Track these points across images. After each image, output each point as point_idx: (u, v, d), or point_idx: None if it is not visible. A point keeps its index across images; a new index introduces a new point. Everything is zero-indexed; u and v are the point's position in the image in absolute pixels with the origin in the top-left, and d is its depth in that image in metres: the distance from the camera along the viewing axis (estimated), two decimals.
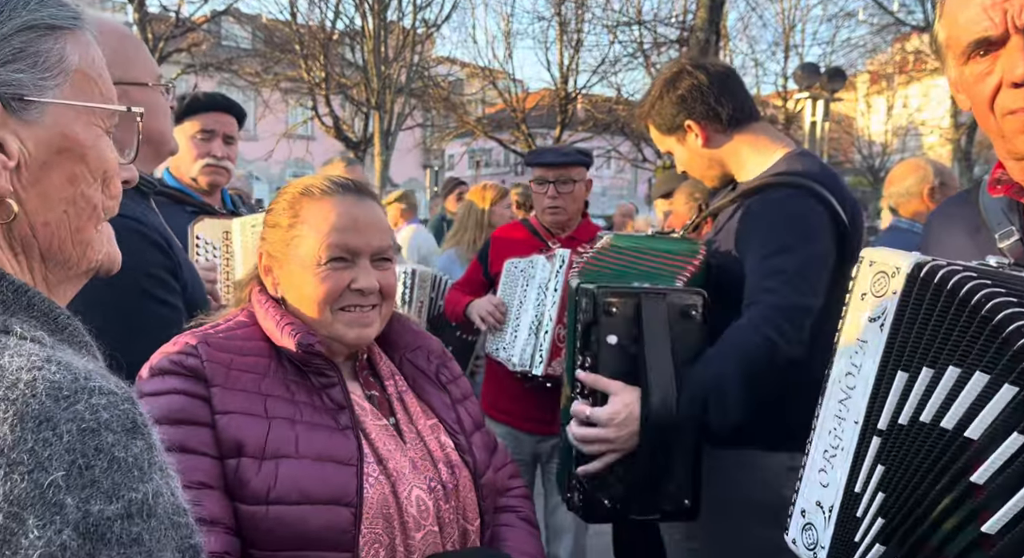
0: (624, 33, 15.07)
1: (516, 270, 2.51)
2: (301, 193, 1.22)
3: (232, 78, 14.77)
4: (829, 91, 11.25)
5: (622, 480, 1.45)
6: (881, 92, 20.38)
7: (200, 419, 1.07)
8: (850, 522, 0.90)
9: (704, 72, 1.75)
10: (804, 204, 1.56)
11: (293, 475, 1.05)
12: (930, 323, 0.85)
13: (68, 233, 0.64)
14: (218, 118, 2.27)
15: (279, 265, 1.21)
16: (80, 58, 0.64)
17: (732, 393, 1.42)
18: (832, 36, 16.86)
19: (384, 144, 14.09)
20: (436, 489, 1.15)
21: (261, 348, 1.17)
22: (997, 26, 0.92)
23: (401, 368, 1.29)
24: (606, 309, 1.41)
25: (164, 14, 13.36)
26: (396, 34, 14.70)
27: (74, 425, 0.47)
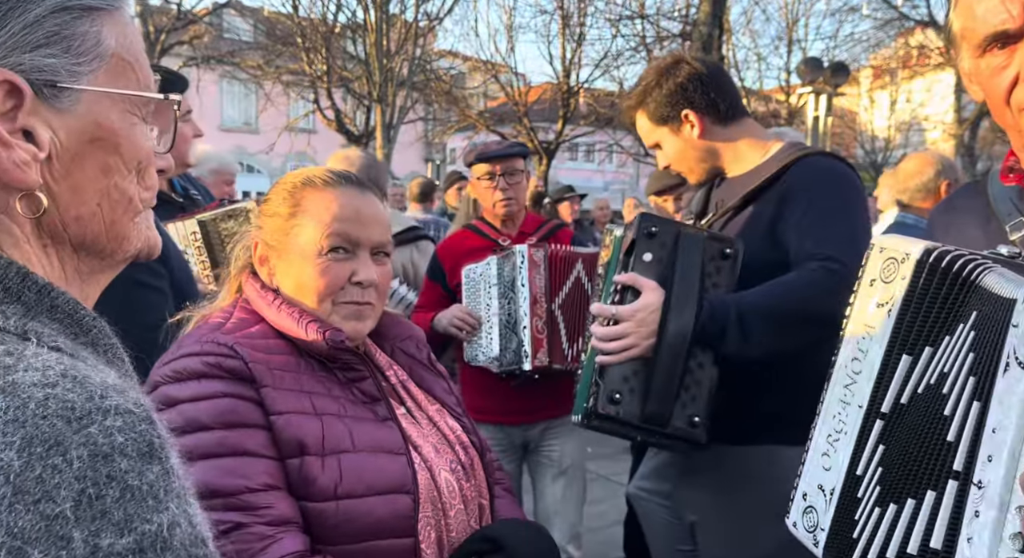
0: (627, 27, 15.04)
1: (476, 275, 2.50)
2: (302, 183, 1.22)
3: (234, 71, 14.75)
4: (832, 86, 11.21)
5: (634, 390, 1.48)
6: (884, 87, 20.32)
7: (254, 421, 1.07)
8: (851, 503, 0.91)
9: (701, 63, 1.73)
10: (841, 166, 1.58)
11: (356, 468, 1.08)
12: (935, 306, 0.86)
13: (102, 227, 0.61)
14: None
15: (277, 255, 1.21)
16: (117, 41, 0.61)
17: (757, 326, 1.45)
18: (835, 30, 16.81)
19: (386, 137, 14.07)
20: (457, 470, 1.20)
21: (282, 346, 1.16)
22: (1016, 19, 0.90)
23: (395, 358, 1.31)
24: (648, 231, 1.51)
25: (165, 6, 13.36)
26: (398, 27, 14.65)
27: (85, 450, 0.44)
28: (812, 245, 1.48)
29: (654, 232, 1.50)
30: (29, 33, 0.55)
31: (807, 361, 1.44)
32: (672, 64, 1.74)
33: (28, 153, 0.55)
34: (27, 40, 0.55)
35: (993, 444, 0.74)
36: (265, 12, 15.78)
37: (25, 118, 0.55)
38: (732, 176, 1.74)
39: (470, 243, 2.65)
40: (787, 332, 1.46)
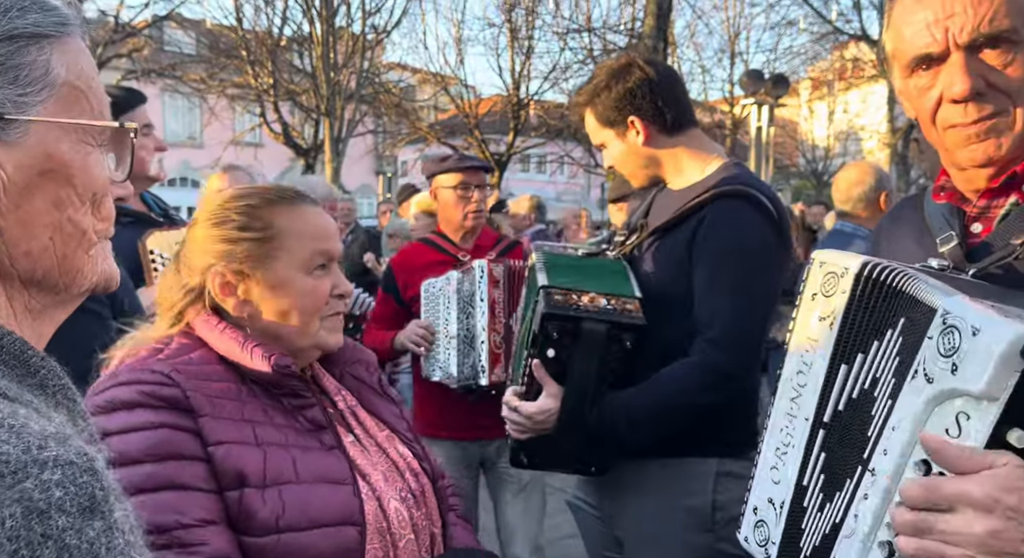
0: (574, 40, 15.25)
1: (435, 290, 2.49)
2: (263, 204, 1.17)
3: (176, 84, 14.40)
4: (773, 97, 11.58)
5: (538, 452, 1.69)
6: (822, 98, 21.08)
7: (191, 453, 1.02)
8: (799, 514, 0.93)
9: (654, 69, 1.71)
10: (754, 218, 1.57)
11: (299, 501, 1.04)
12: (869, 315, 0.88)
13: (54, 262, 0.58)
14: (132, 117, 2.10)
15: (249, 281, 1.15)
16: (68, 69, 0.58)
17: (644, 424, 1.57)
18: (775, 44, 17.38)
19: (335, 151, 13.92)
20: (408, 499, 1.17)
21: (222, 372, 1.12)
22: (939, 43, 0.94)
23: (343, 382, 1.28)
24: (548, 333, 1.57)
25: (103, 19, 12.97)
26: (345, 40, 14.55)
27: (19, 507, 0.41)
28: (705, 317, 1.57)
29: (555, 336, 1.57)
30: None
31: None
32: (624, 67, 1.72)
33: None
34: None
35: (890, 440, 0.80)
36: (207, 25, 15.46)
37: None
38: (672, 188, 1.75)
39: (427, 257, 2.62)
40: (673, 424, 1.58)
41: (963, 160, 0.99)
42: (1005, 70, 0.92)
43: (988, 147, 0.95)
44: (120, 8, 12.69)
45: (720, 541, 1.59)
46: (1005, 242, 0.96)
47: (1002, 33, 0.91)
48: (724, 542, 1.59)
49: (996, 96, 0.94)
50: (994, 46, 0.92)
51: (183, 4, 14.39)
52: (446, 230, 2.65)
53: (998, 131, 0.94)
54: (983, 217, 1.02)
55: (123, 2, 12.67)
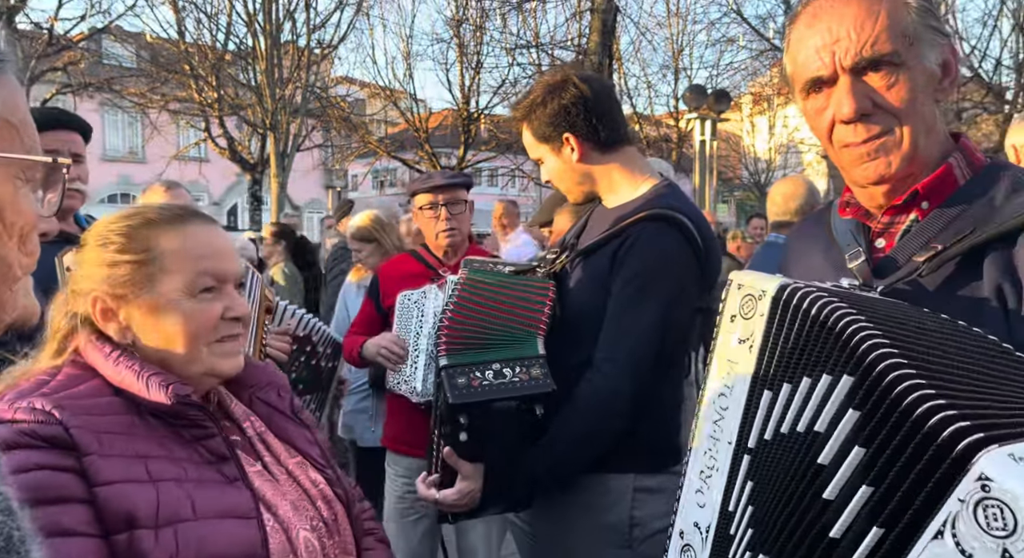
0: (522, 55, 15.37)
1: (410, 302, 2.49)
2: (144, 225, 1.12)
3: (115, 99, 13.97)
4: (716, 112, 11.86)
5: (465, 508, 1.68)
6: (763, 112, 21.71)
7: (72, 495, 0.96)
8: (725, 540, 0.93)
9: (589, 86, 1.71)
10: (673, 240, 1.59)
11: (196, 538, 0.99)
12: (790, 342, 0.90)
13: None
14: (59, 136, 2.02)
15: (132, 306, 1.10)
16: (3, 105, 0.58)
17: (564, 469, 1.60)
18: (717, 60, 17.82)
19: (280, 166, 13.69)
20: (319, 527, 1.14)
21: (115, 404, 1.06)
22: (827, 66, 1.00)
23: (252, 407, 1.24)
24: (458, 418, 1.57)
25: (36, 31, 12.52)
26: (291, 54, 14.36)
27: None
28: (605, 337, 1.59)
29: (464, 423, 1.58)
30: None
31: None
32: (559, 83, 1.71)
33: None
34: None
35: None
36: (148, 38, 15.05)
37: None
38: (607, 206, 1.77)
39: (409, 268, 2.62)
40: (592, 454, 1.60)
41: (859, 178, 1.05)
42: (890, 91, 0.97)
43: (879, 165, 1.01)
44: (54, 20, 12.26)
45: (638, 557, 1.61)
46: (907, 258, 1.00)
47: (883, 57, 0.97)
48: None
49: (883, 116, 0.99)
50: (876, 69, 0.98)
51: (121, 17, 13.90)
52: (430, 245, 2.65)
53: (887, 150, 1.00)
54: (886, 233, 1.06)
55: (57, 15, 12.25)
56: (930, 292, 0.98)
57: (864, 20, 0.97)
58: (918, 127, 0.99)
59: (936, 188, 1.01)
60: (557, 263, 1.77)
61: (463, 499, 1.61)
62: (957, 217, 0.99)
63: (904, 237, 1.04)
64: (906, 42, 0.97)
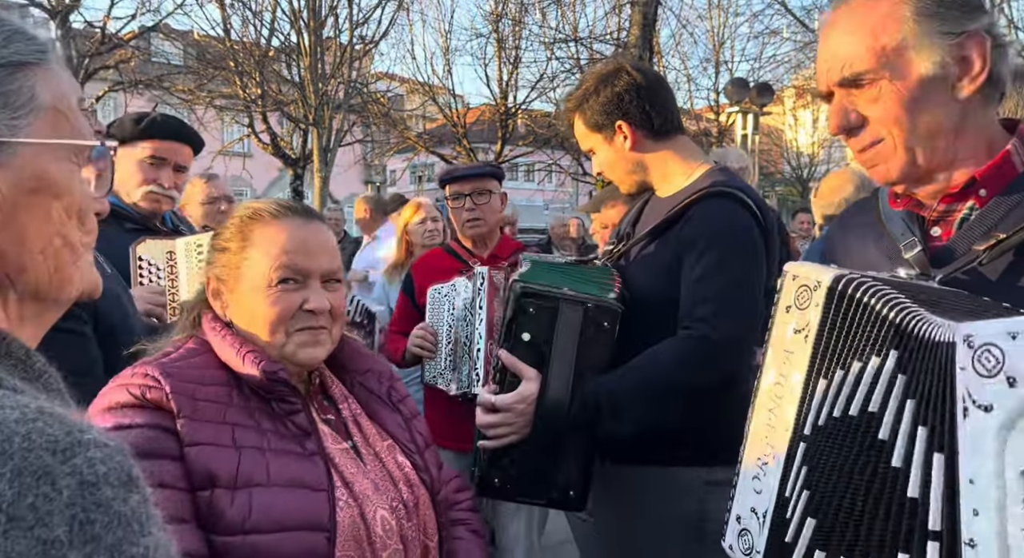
0: (561, 50, 15.32)
1: (440, 296, 2.51)
2: (250, 217, 1.24)
3: (164, 95, 14.33)
4: (758, 105, 11.67)
5: (515, 463, 1.56)
6: (806, 106, 21.27)
7: (169, 452, 1.07)
8: (782, 524, 0.95)
9: (642, 74, 1.72)
10: (739, 211, 1.59)
11: (267, 503, 1.07)
12: (845, 331, 0.91)
13: (47, 273, 0.63)
14: (172, 147, 2.20)
15: (229, 288, 1.23)
16: (51, 94, 0.63)
17: (629, 409, 1.51)
18: (759, 52, 17.53)
19: (323, 161, 13.90)
20: (398, 509, 1.19)
21: (219, 377, 1.17)
22: (823, 85, 1.07)
23: (353, 391, 1.32)
24: (525, 308, 1.52)
25: (89, 30, 12.92)
26: (333, 50, 14.56)
27: (73, 479, 0.46)
28: (690, 302, 1.55)
29: (531, 312, 1.52)
30: None
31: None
32: (612, 72, 1.71)
33: None
34: None
35: (976, 497, 0.69)
36: (195, 36, 15.42)
37: None
38: (660, 196, 1.76)
39: (441, 262, 2.64)
40: (659, 409, 1.53)
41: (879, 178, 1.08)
42: (876, 104, 1.02)
43: (879, 172, 1.06)
44: (107, 19, 12.64)
45: (709, 552, 1.56)
46: (967, 247, 1.00)
47: (858, 75, 1.02)
48: (713, 553, 1.60)
49: (874, 127, 1.03)
50: (858, 86, 1.03)
51: (170, 15, 14.26)
52: (460, 239, 2.69)
53: (883, 158, 1.04)
54: (942, 221, 1.07)
55: (110, 13, 12.63)
56: (992, 281, 0.97)
57: (846, 39, 1.03)
58: (912, 135, 1.01)
59: (994, 175, 1.01)
60: (615, 253, 1.77)
61: (521, 405, 1.52)
62: (1018, 204, 0.99)
63: (962, 226, 1.04)
64: (891, 56, 1.00)
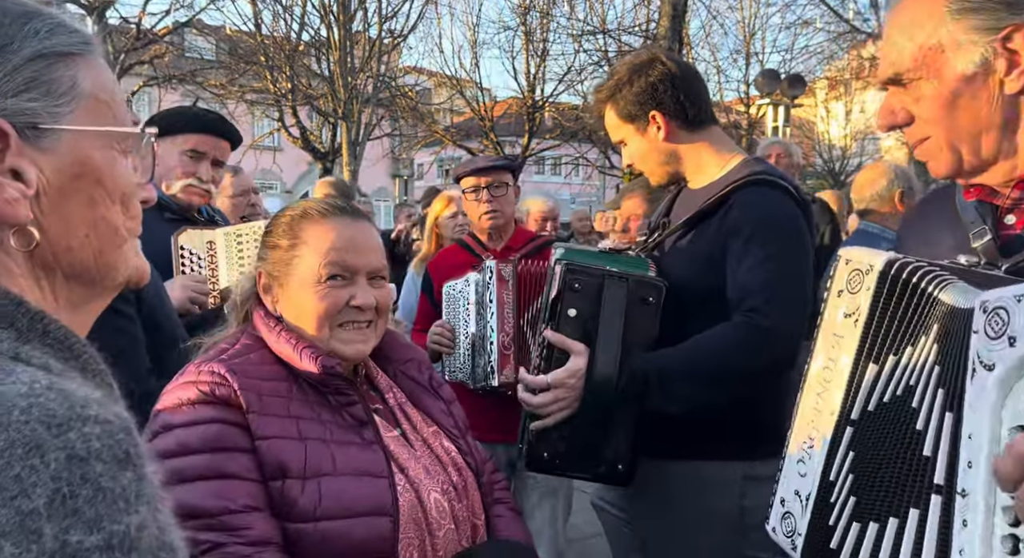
0: (589, 42, 15.25)
1: (454, 292, 2.51)
2: (300, 216, 1.29)
3: (196, 90, 14.56)
4: (789, 97, 11.50)
5: (563, 438, 1.58)
6: (839, 97, 20.91)
7: (240, 445, 1.12)
8: (826, 508, 0.94)
9: (676, 64, 1.70)
10: (782, 198, 1.57)
11: (335, 491, 1.12)
12: (896, 315, 0.90)
13: (91, 256, 0.64)
14: (211, 141, 2.23)
15: (279, 284, 1.28)
16: (92, 83, 0.65)
17: (679, 386, 1.51)
18: (791, 43, 17.25)
19: (352, 154, 14.01)
20: (449, 491, 1.25)
21: (278, 372, 1.22)
22: (879, 81, 1.08)
23: (397, 380, 1.37)
24: (571, 285, 1.54)
25: (125, 26, 13.16)
26: (362, 44, 14.65)
27: (63, 453, 0.46)
28: (741, 293, 1.53)
29: (577, 287, 1.53)
30: (10, 80, 0.59)
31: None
32: (646, 62, 1.69)
33: (17, 191, 0.59)
34: (9, 87, 0.59)
35: (970, 450, 0.74)
36: (227, 31, 15.63)
37: (12, 159, 0.59)
38: (692, 187, 1.73)
39: (456, 258, 2.65)
40: (708, 390, 1.52)
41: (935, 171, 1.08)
42: (918, 104, 1.03)
43: (931, 168, 1.07)
44: (142, 15, 12.88)
45: (748, 546, 1.58)
46: None
47: (899, 75, 1.04)
48: (752, 547, 1.58)
49: (920, 126, 1.04)
50: (901, 84, 1.04)
51: (203, 11, 14.48)
52: (475, 232, 2.69)
53: (930, 155, 1.05)
54: (1017, 209, 1.04)
55: (145, 9, 12.86)
56: None
57: (892, 37, 1.04)
58: (954, 134, 1.01)
59: None
60: (650, 243, 1.75)
61: (572, 380, 1.52)
62: None
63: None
64: (928, 56, 1.00)
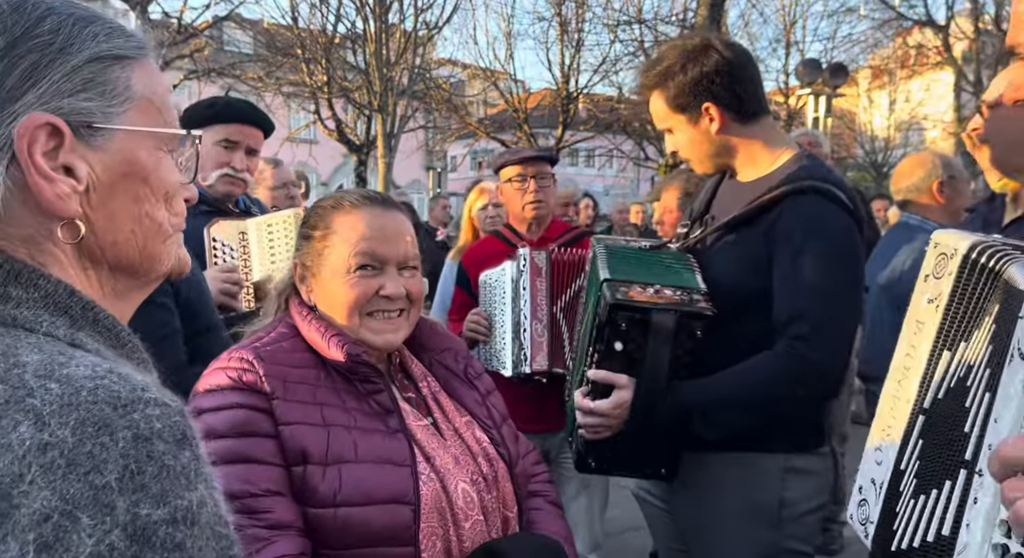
0: (625, 32, 15.11)
1: (491, 281, 2.52)
2: (332, 206, 1.29)
3: (235, 83, 14.78)
4: (831, 87, 11.24)
5: (610, 448, 1.62)
6: (883, 87, 20.38)
7: (264, 431, 1.13)
8: (894, 496, 0.93)
9: (731, 51, 1.61)
10: (834, 210, 1.52)
11: (356, 478, 1.12)
12: (971, 301, 0.87)
13: (136, 250, 0.67)
14: (244, 130, 2.23)
15: (312, 274, 1.28)
16: (144, 86, 0.67)
17: (720, 417, 1.54)
18: (833, 32, 16.83)
19: (387, 147, 14.10)
20: (478, 481, 1.23)
21: (307, 359, 1.23)
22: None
23: (431, 369, 1.36)
24: (617, 323, 1.52)
25: (166, 20, 13.40)
26: (397, 36, 14.71)
27: (129, 432, 0.50)
28: (789, 314, 1.50)
29: (624, 328, 1.52)
30: (68, 81, 0.62)
31: None
32: (700, 49, 1.60)
33: (68, 186, 0.62)
34: (66, 87, 0.62)
35: (994, 433, 0.76)
36: (265, 24, 15.85)
37: (65, 155, 0.61)
38: (739, 180, 1.68)
39: (492, 248, 2.66)
40: (749, 418, 1.56)
41: None
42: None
43: None
44: (184, 10, 13.10)
45: (787, 538, 1.57)
46: None
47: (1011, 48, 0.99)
48: (791, 539, 1.58)
49: None
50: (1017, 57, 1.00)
51: (242, 4, 14.69)
52: (514, 222, 2.69)
53: None
54: None
55: (186, 3, 13.08)
56: None
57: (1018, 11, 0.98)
58: None
59: None
60: (692, 238, 1.70)
61: (617, 410, 1.55)
62: None
63: None
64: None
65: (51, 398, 0.49)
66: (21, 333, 0.56)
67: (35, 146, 0.60)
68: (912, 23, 15.71)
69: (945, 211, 2.81)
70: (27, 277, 0.59)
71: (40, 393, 0.49)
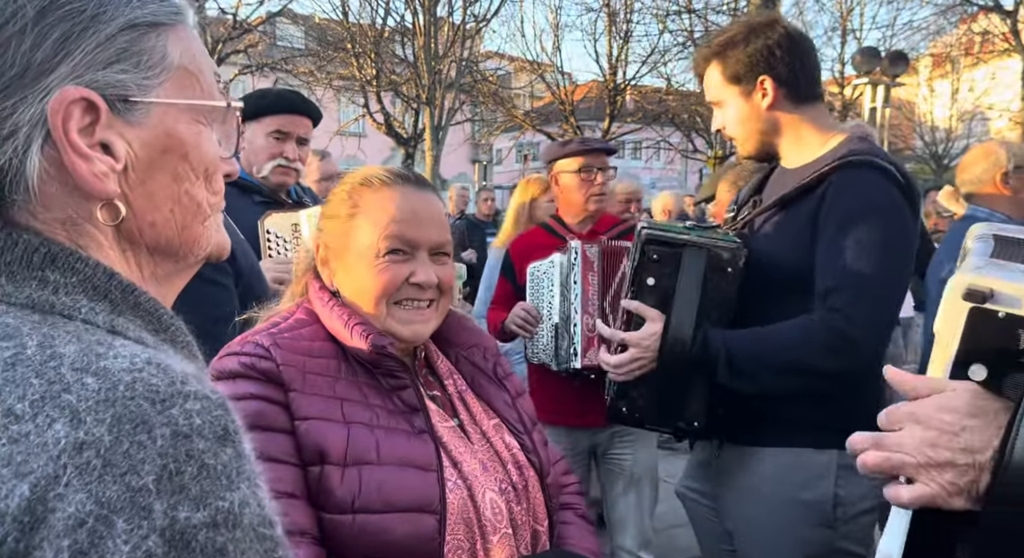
0: (674, 22, 14.85)
1: (539, 273, 2.49)
2: (360, 183, 1.18)
3: (287, 77, 15.08)
4: (890, 76, 10.86)
5: (641, 395, 1.63)
6: (945, 76, 19.57)
7: (279, 425, 1.02)
8: None
9: (798, 33, 1.63)
10: (884, 182, 1.49)
11: (376, 483, 1.02)
12: None
13: (175, 231, 0.63)
14: (294, 120, 2.28)
15: (336, 256, 1.17)
16: (181, 54, 0.62)
17: (746, 370, 1.50)
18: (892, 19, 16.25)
19: (435, 139, 14.21)
20: (507, 491, 1.12)
21: (328, 349, 1.12)
22: None
23: (458, 366, 1.25)
24: (650, 255, 1.57)
25: (222, 17, 13.75)
26: (446, 30, 14.80)
27: (168, 429, 0.47)
28: (829, 282, 1.47)
29: (656, 258, 1.56)
30: (101, 51, 0.57)
31: None
32: (766, 23, 1.62)
33: (106, 165, 0.58)
34: (100, 58, 0.57)
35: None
36: (316, 19, 16.12)
37: (102, 132, 0.57)
38: (786, 167, 1.66)
39: (540, 240, 2.63)
40: (777, 379, 1.51)
41: None
42: None
43: None
44: (239, 5, 13.42)
45: (841, 538, 1.53)
46: None
47: None
48: (845, 539, 1.53)
49: None
50: None
51: (294, 0, 14.98)
52: (565, 214, 2.65)
53: None
54: None
55: (241, 0, 13.40)
56: None
57: None
58: None
59: None
60: (739, 220, 1.70)
61: (647, 341, 1.56)
62: None
63: None
64: None
65: (88, 394, 0.47)
66: (59, 320, 0.53)
67: (70, 123, 0.55)
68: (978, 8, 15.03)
69: (1012, 202, 2.70)
70: (64, 260, 0.56)
71: (76, 388, 0.47)
